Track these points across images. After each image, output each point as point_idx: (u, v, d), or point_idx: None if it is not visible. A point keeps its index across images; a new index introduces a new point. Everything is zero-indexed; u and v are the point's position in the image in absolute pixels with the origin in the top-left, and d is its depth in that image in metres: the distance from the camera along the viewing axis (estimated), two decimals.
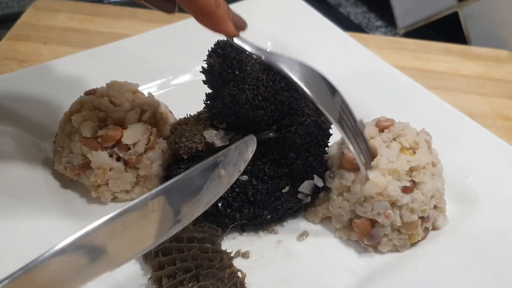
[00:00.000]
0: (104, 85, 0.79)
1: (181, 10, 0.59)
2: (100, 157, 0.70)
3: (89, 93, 0.78)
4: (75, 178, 0.74)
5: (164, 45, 0.99)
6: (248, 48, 0.61)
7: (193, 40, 1.02)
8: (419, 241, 0.70)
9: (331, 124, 0.80)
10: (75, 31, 1.11)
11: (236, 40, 0.60)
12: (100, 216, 0.44)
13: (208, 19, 0.57)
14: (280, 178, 0.72)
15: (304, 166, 0.71)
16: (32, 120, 0.81)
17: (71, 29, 1.12)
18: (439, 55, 1.13)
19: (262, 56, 0.61)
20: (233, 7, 1.08)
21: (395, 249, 0.69)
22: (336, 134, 0.79)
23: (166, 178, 0.76)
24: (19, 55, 1.03)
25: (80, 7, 1.18)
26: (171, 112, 0.83)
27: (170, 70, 0.97)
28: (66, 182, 0.76)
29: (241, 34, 0.61)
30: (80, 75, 0.89)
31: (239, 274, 0.65)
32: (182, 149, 0.72)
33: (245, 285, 0.64)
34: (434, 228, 0.72)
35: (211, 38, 0.71)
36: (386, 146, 0.70)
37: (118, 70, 0.90)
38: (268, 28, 1.05)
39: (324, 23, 1.07)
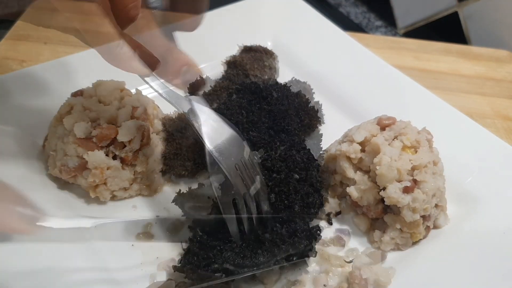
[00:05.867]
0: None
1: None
2: (97, 157, 0.70)
3: (76, 94, 0.78)
4: (71, 181, 0.73)
5: None
6: (171, 101, 0.60)
7: (193, 40, 1.02)
8: (420, 239, 0.70)
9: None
10: None
11: (148, 80, 0.59)
12: (100, 216, 0.43)
13: (112, 59, 0.57)
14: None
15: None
16: (32, 120, 0.81)
17: None
18: (439, 55, 1.13)
19: (175, 104, 0.60)
20: (233, 7, 1.09)
21: (397, 247, 0.70)
22: (335, 134, 0.79)
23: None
24: (19, 55, 1.03)
25: None
26: (158, 107, 0.83)
27: None
28: (64, 183, 0.76)
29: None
30: (80, 75, 0.89)
31: None
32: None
33: None
34: (435, 227, 0.72)
35: (211, 38, 0.71)
36: (388, 144, 0.70)
37: (118, 70, 0.90)
38: (268, 28, 1.05)
39: (324, 23, 1.07)
